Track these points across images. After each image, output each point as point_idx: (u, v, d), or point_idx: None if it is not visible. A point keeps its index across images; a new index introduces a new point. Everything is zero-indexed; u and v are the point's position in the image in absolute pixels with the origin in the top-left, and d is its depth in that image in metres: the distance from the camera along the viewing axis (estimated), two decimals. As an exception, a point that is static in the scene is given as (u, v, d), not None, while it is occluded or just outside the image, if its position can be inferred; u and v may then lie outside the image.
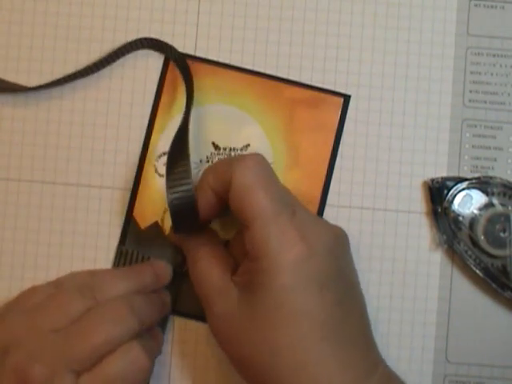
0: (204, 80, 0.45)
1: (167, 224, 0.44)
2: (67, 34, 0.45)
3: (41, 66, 0.45)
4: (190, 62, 0.45)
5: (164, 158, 0.44)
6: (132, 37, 0.45)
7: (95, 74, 0.45)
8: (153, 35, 0.45)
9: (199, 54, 0.45)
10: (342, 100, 0.45)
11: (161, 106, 0.45)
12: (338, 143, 0.44)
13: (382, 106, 0.45)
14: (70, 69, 0.45)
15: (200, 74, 0.45)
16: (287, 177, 0.44)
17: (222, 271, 0.39)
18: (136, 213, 0.44)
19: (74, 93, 0.45)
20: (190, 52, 0.45)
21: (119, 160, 0.45)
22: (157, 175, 0.44)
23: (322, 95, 0.45)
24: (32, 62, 0.45)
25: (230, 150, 0.44)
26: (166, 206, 0.39)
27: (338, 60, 0.45)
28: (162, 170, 0.44)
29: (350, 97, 0.45)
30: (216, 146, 0.45)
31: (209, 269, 0.39)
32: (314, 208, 0.44)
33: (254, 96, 0.45)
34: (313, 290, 0.36)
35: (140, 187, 0.44)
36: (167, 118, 0.45)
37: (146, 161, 0.44)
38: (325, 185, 0.44)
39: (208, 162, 0.44)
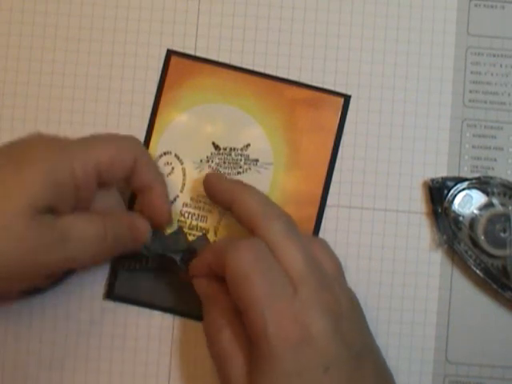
0: (204, 80, 0.45)
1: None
2: (67, 33, 0.45)
3: (41, 66, 0.45)
4: (190, 61, 0.45)
5: (164, 158, 0.44)
6: (132, 37, 0.45)
7: (96, 74, 0.45)
8: (153, 35, 0.45)
9: (199, 53, 0.45)
10: (342, 100, 0.45)
11: (161, 106, 0.45)
12: (339, 143, 0.44)
13: (382, 106, 0.45)
14: (71, 69, 0.45)
15: (201, 73, 0.45)
16: (287, 177, 0.44)
17: (244, 355, 0.38)
18: (136, 212, 0.44)
19: (74, 93, 0.45)
20: (190, 52, 0.45)
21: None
22: None
23: (323, 95, 0.45)
24: (32, 62, 0.45)
25: (231, 150, 0.44)
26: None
27: (338, 60, 0.45)
28: (162, 169, 0.44)
29: (350, 97, 0.45)
30: (216, 146, 0.44)
31: (233, 353, 0.38)
32: (315, 208, 0.44)
33: (254, 96, 0.45)
34: (317, 372, 0.35)
35: (140, 187, 0.44)
36: (168, 119, 0.45)
37: None
38: (325, 185, 0.44)
39: (208, 161, 0.44)
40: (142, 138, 0.44)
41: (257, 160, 0.44)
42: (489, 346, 0.43)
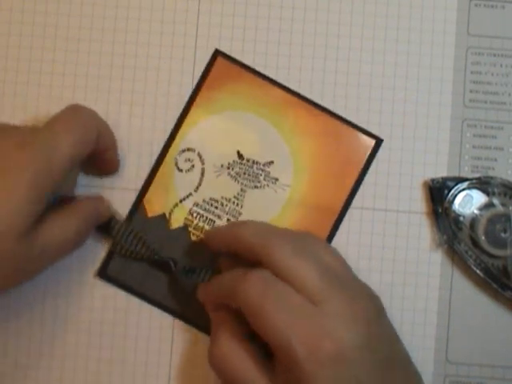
0: (244, 87, 0.45)
1: (174, 219, 0.44)
2: (67, 33, 0.45)
3: (41, 66, 0.45)
4: (234, 65, 0.45)
5: (187, 154, 0.44)
6: (132, 37, 0.45)
7: (95, 74, 0.45)
8: (153, 35, 0.45)
9: (199, 53, 0.45)
10: (373, 142, 0.44)
11: (195, 103, 0.44)
12: (360, 183, 0.44)
13: (383, 107, 0.45)
14: (71, 69, 0.45)
15: (241, 79, 0.45)
16: (301, 204, 0.44)
17: (260, 374, 0.37)
18: (146, 200, 0.44)
19: (74, 93, 0.45)
20: (191, 50, 0.45)
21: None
22: (175, 169, 0.44)
23: (355, 132, 0.44)
24: (32, 62, 0.45)
25: (253, 162, 0.44)
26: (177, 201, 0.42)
27: (338, 60, 0.45)
28: (182, 164, 0.44)
29: (382, 140, 0.44)
30: (240, 156, 0.44)
31: (247, 373, 0.37)
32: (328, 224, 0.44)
33: (290, 116, 0.44)
34: None
35: (156, 177, 0.44)
36: (199, 117, 0.44)
37: (169, 152, 0.44)
38: (335, 223, 0.44)
39: (229, 168, 0.44)
40: (144, 138, 0.44)
41: (276, 179, 0.44)
42: (489, 346, 0.43)
